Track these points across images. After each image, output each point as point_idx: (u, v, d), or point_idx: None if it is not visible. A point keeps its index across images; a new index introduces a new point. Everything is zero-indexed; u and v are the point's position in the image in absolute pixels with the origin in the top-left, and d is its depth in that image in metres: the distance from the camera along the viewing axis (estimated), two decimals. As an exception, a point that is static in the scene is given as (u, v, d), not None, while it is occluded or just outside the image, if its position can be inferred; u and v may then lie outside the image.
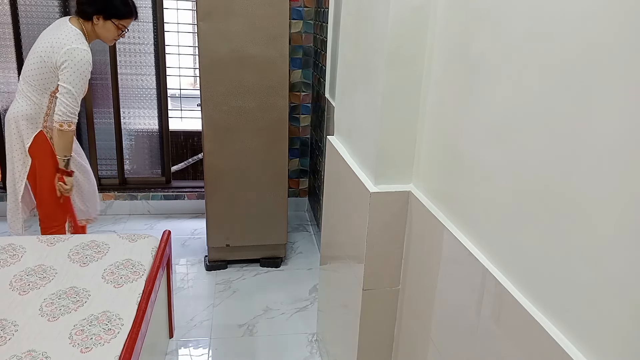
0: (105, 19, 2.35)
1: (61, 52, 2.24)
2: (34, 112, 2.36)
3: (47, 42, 2.29)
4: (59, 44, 2.26)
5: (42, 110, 2.37)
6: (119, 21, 2.38)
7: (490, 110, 1.05)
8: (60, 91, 2.27)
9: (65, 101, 2.26)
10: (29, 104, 2.35)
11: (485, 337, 1.04)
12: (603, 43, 0.73)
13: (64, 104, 2.27)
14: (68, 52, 2.24)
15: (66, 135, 2.33)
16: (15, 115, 2.36)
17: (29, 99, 2.35)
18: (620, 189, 0.70)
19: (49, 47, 2.27)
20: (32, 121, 2.36)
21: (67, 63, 2.25)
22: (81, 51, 2.27)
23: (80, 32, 2.33)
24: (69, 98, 2.27)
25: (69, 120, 2.30)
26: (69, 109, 2.28)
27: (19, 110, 2.35)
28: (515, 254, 0.96)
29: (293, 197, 3.80)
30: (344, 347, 1.80)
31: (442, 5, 1.28)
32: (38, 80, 2.32)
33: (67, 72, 2.25)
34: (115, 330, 1.61)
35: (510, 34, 0.97)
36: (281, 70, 2.74)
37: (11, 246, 2.09)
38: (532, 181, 0.91)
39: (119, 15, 2.37)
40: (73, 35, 2.29)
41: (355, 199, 1.61)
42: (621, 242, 0.71)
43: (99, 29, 2.37)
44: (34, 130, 2.37)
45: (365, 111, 1.58)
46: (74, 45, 2.26)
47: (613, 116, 0.72)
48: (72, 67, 2.25)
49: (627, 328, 0.70)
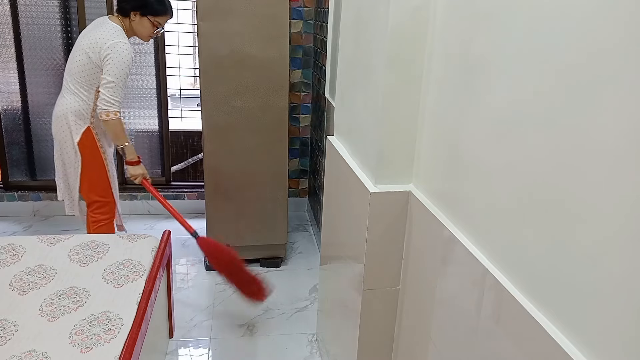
0: (142, 15, 2.43)
1: (105, 47, 2.33)
2: (81, 108, 2.43)
3: (90, 39, 2.37)
4: (102, 40, 2.35)
5: (89, 106, 2.44)
6: (155, 18, 2.46)
7: (490, 110, 1.05)
8: (102, 83, 2.34)
9: (105, 92, 2.33)
10: (76, 100, 2.43)
11: (485, 337, 1.04)
12: (603, 43, 0.73)
13: (105, 94, 2.34)
14: (110, 46, 2.33)
15: (111, 124, 2.39)
16: (64, 111, 2.43)
17: (76, 94, 2.42)
18: (620, 189, 0.70)
19: (93, 43, 2.35)
20: (80, 116, 2.44)
21: (109, 56, 2.33)
22: (122, 44, 2.36)
23: (120, 28, 2.42)
24: (109, 89, 2.34)
25: (110, 109, 2.36)
26: (110, 98, 2.34)
27: (67, 105, 2.43)
28: (515, 254, 0.96)
29: (293, 197, 3.80)
30: (344, 347, 1.80)
31: (442, 5, 1.28)
32: (84, 77, 2.40)
33: (109, 64, 2.33)
34: (115, 330, 1.61)
35: (510, 34, 0.97)
36: (281, 70, 2.74)
37: (11, 246, 2.09)
38: (532, 181, 0.91)
39: (155, 13, 2.45)
40: (114, 31, 2.38)
41: (355, 199, 1.61)
42: (621, 242, 0.71)
43: (135, 25, 2.46)
44: (82, 126, 2.45)
45: (365, 111, 1.58)
46: (115, 39, 2.35)
47: (613, 116, 0.72)
48: (114, 60, 2.33)
49: (627, 328, 0.70)
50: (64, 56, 3.46)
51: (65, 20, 3.40)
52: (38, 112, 3.55)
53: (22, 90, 3.49)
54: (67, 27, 3.42)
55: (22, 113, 3.53)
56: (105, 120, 2.37)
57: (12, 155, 3.61)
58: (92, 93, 2.43)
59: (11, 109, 3.52)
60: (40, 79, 3.48)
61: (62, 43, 3.44)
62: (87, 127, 2.46)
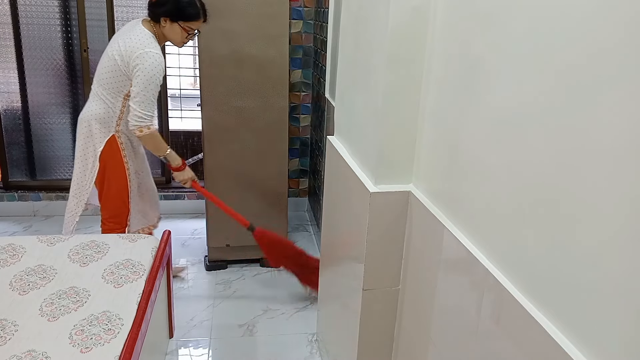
0: (172, 21, 2.31)
1: (133, 57, 2.23)
2: (107, 115, 2.35)
3: (120, 44, 2.28)
4: (132, 47, 2.24)
5: (115, 113, 2.35)
6: (186, 23, 2.33)
7: (490, 110, 1.05)
8: (132, 96, 2.25)
9: (136, 106, 2.24)
10: (102, 107, 2.34)
11: (485, 337, 1.04)
12: (603, 43, 0.73)
13: (135, 109, 2.24)
14: (140, 56, 2.22)
15: (147, 139, 2.32)
16: (89, 117, 2.36)
17: (102, 101, 2.34)
18: (620, 189, 0.70)
19: (123, 49, 2.26)
20: (105, 124, 2.36)
21: (138, 67, 2.22)
22: (152, 55, 2.24)
23: (152, 34, 2.31)
24: (139, 102, 2.24)
25: (143, 124, 2.27)
26: (141, 113, 2.25)
27: (92, 111, 2.35)
28: (515, 254, 0.96)
29: (293, 197, 3.80)
30: (344, 347, 1.80)
31: (442, 5, 1.28)
32: (111, 83, 2.31)
33: (138, 76, 2.23)
34: (115, 330, 1.61)
35: (510, 34, 0.97)
36: (281, 70, 2.74)
37: (11, 246, 2.09)
38: (531, 181, 0.91)
39: (186, 18, 2.32)
40: (145, 38, 2.27)
41: (355, 199, 1.61)
42: (621, 242, 0.71)
43: (166, 32, 2.34)
44: (107, 134, 2.37)
45: (365, 111, 1.58)
46: (146, 49, 2.23)
47: (613, 116, 0.72)
48: (142, 71, 2.22)
49: (627, 328, 0.70)
50: (64, 56, 3.46)
51: (65, 20, 3.40)
52: (38, 112, 3.55)
53: (22, 90, 3.49)
54: (67, 27, 3.42)
55: (22, 113, 3.53)
56: (139, 136, 2.29)
57: (12, 155, 3.61)
58: (119, 100, 2.34)
59: (11, 109, 3.52)
60: (40, 79, 3.48)
61: (62, 43, 3.44)
62: (111, 136, 2.38)
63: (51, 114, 3.56)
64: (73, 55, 3.46)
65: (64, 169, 3.70)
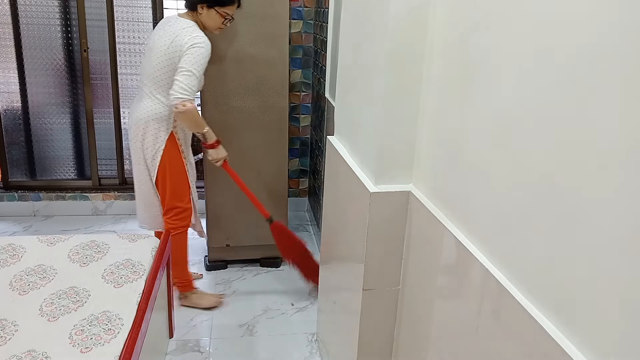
0: (209, 7, 2.33)
1: (185, 45, 2.24)
2: (164, 113, 2.35)
3: (167, 39, 2.28)
4: (181, 38, 2.25)
5: (171, 110, 2.34)
6: (222, 9, 2.35)
7: (490, 110, 1.05)
8: (178, 71, 2.22)
9: (182, 79, 2.20)
10: (158, 105, 2.34)
11: (485, 337, 1.04)
12: (604, 43, 0.73)
13: (181, 82, 2.20)
14: (190, 39, 2.24)
15: (189, 114, 2.26)
16: (146, 117, 2.35)
17: (157, 99, 2.34)
18: (621, 189, 0.70)
19: (172, 43, 2.26)
20: (163, 122, 2.36)
21: (190, 49, 2.23)
22: (202, 37, 2.27)
23: (194, 23, 2.33)
24: (187, 77, 2.21)
25: (186, 98, 2.21)
26: (187, 87, 2.21)
27: (149, 111, 2.35)
28: (515, 254, 0.96)
29: (293, 197, 3.80)
30: (344, 347, 1.80)
31: (442, 5, 1.28)
32: (164, 80, 2.31)
33: (189, 54, 2.23)
34: (115, 330, 1.61)
35: (510, 34, 0.97)
36: (281, 70, 2.74)
37: (11, 246, 2.09)
38: (531, 181, 0.91)
39: (222, 3, 2.35)
40: (192, 28, 2.30)
41: (355, 199, 1.61)
42: (621, 242, 0.71)
43: (203, 18, 2.36)
44: (165, 133, 2.38)
45: (365, 111, 1.58)
46: (194, 34, 2.26)
47: (613, 116, 0.72)
48: (195, 51, 2.23)
49: (627, 328, 0.70)
50: (64, 56, 3.46)
51: (65, 20, 3.40)
52: (38, 112, 3.55)
53: (22, 90, 3.49)
54: (67, 27, 3.42)
55: (22, 113, 3.53)
56: (182, 110, 2.22)
57: (12, 155, 3.61)
58: None
59: (11, 109, 3.52)
60: (40, 79, 3.48)
61: (62, 43, 3.44)
62: (170, 134, 2.38)
63: (51, 114, 3.57)
64: (73, 55, 3.46)
65: (64, 169, 3.70)
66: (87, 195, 3.64)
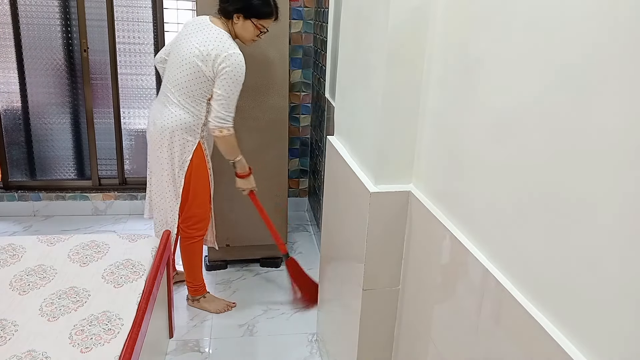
0: (245, 18, 2.26)
1: (219, 60, 2.16)
2: (192, 122, 2.29)
3: (196, 47, 2.19)
4: (216, 49, 2.17)
5: (200, 119, 2.30)
6: (259, 21, 2.28)
7: (490, 110, 1.05)
8: (215, 97, 2.20)
9: (219, 107, 2.19)
10: (186, 114, 2.27)
11: (485, 337, 1.04)
12: (603, 43, 0.73)
13: (218, 110, 2.20)
14: (226, 58, 2.16)
15: (224, 141, 2.27)
16: (172, 126, 2.27)
17: (185, 108, 2.27)
18: (621, 189, 0.70)
19: (204, 52, 2.18)
20: (191, 132, 2.30)
21: (225, 70, 2.17)
22: (237, 56, 2.19)
23: (228, 34, 2.25)
24: (223, 104, 2.19)
25: (224, 126, 2.23)
26: (224, 115, 2.21)
27: (176, 120, 2.27)
28: (515, 254, 0.96)
29: (293, 197, 3.80)
30: (344, 347, 1.80)
31: (442, 5, 1.28)
32: (195, 89, 2.24)
33: (224, 78, 2.17)
34: (115, 330, 1.61)
35: (509, 34, 0.97)
36: (281, 70, 2.74)
37: (11, 246, 2.09)
38: (531, 181, 0.91)
39: (259, 15, 2.27)
40: (225, 39, 2.21)
41: (355, 199, 1.61)
42: (621, 242, 0.71)
43: (237, 29, 2.29)
44: (193, 143, 2.32)
45: (365, 111, 1.58)
46: (230, 51, 2.18)
47: (612, 116, 0.72)
48: (229, 73, 2.17)
49: (627, 328, 0.70)
50: (64, 56, 3.46)
51: (65, 20, 3.40)
52: (38, 112, 3.55)
53: (22, 90, 3.49)
54: (67, 27, 3.42)
55: (22, 113, 3.53)
56: (219, 136, 2.24)
57: (12, 155, 3.61)
58: (203, 106, 2.28)
59: (11, 109, 3.52)
60: (40, 79, 3.48)
61: (62, 43, 3.44)
62: (198, 144, 2.32)
63: (51, 114, 3.57)
64: (73, 55, 3.46)
65: (64, 169, 3.70)
66: (87, 195, 3.64)
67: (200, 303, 2.63)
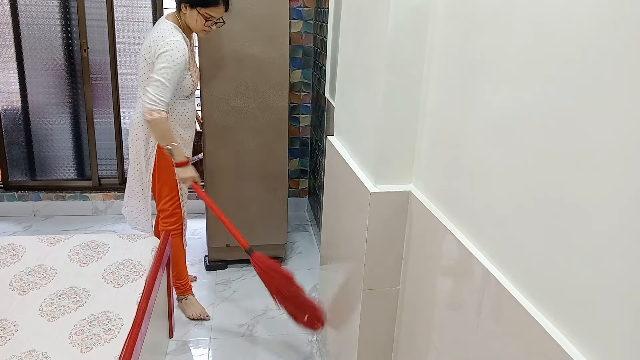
0: (192, 7, 2.25)
1: (157, 47, 2.19)
2: None
3: (147, 42, 2.26)
4: (156, 41, 2.21)
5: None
6: (204, 9, 2.25)
7: (490, 110, 1.05)
8: (150, 82, 2.19)
9: (151, 89, 2.16)
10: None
11: (485, 337, 1.04)
12: (603, 43, 0.73)
13: (150, 92, 2.16)
14: (163, 45, 2.18)
15: (155, 124, 2.19)
16: (138, 121, 2.36)
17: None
18: (621, 189, 0.70)
19: (149, 47, 2.23)
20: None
21: (161, 55, 2.18)
22: (174, 42, 2.19)
23: (175, 25, 2.27)
24: (156, 87, 2.16)
25: (154, 108, 2.16)
26: (155, 97, 2.16)
27: (140, 116, 2.33)
28: (515, 254, 0.96)
29: (293, 197, 3.80)
30: (344, 347, 1.80)
31: (442, 5, 1.28)
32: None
33: (159, 62, 2.17)
34: (115, 330, 1.61)
35: (510, 34, 0.97)
36: (281, 70, 2.74)
37: (11, 246, 2.09)
38: (532, 181, 0.91)
39: (203, 3, 2.24)
40: (167, 29, 2.24)
41: (355, 199, 1.61)
42: (621, 243, 0.71)
43: (187, 19, 2.28)
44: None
45: (365, 111, 1.58)
46: (168, 39, 2.20)
47: (613, 117, 0.72)
48: (163, 58, 2.17)
49: (627, 328, 0.70)
50: (64, 56, 3.46)
51: (65, 20, 3.40)
52: (38, 112, 3.55)
53: (22, 90, 3.49)
54: (67, 27, 3.42)
55: (22, 113, 3.54)
56: (148, 119, 2.18)
57: (12, 155, 3.61)
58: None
59: (11, 109, 3.53)
60: (40, 79, 3.48)
61: (62, 43, 3.44)
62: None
63: (51, 114, 3.57)
64: (73, 55, 3.46)
65: (64, 169, 3.70)
66: (87, 195, 3.64)
67: (182, 303, 2.60)
